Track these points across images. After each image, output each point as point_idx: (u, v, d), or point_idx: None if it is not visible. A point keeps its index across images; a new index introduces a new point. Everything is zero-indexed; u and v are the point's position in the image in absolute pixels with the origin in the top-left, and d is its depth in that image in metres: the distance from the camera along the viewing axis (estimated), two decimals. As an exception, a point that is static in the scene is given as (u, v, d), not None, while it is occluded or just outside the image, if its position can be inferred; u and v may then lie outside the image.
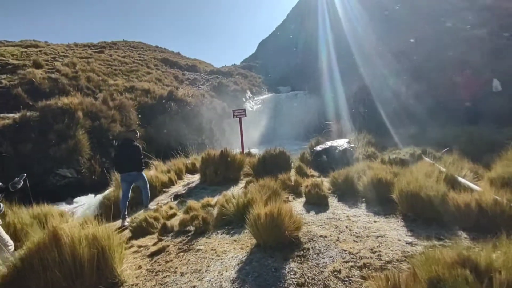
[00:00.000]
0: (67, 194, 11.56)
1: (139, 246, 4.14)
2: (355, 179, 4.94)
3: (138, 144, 6.36)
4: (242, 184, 6.90)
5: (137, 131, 6.63)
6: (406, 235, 3.44)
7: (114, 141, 14.38)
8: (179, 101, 20.48)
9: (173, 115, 19.02)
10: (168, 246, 3.83)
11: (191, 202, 5.41)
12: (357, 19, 25.69)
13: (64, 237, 2.90)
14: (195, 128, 19.99)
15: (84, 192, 11.76)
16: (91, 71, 20.89)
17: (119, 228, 5.51)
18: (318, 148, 7.53)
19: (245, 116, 10.80)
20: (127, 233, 4.98)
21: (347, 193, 4.90)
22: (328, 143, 7.54)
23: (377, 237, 3.46)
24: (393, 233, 3.52)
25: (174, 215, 5.34)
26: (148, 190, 6.41)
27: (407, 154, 6.04)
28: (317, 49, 31.44)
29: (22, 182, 4.52)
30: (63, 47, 28.39)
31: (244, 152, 11.36)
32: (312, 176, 6.55)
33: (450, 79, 10.37)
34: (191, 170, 9.09)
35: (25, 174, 4.63)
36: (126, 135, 6.43)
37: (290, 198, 5.09)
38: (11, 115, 12.91)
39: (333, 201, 4.77)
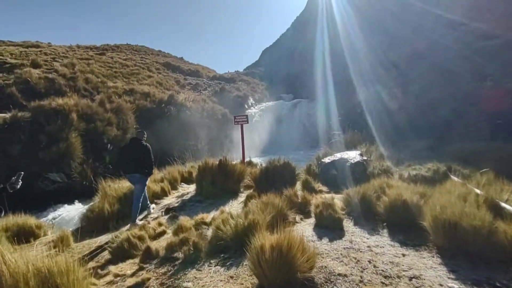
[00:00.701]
0: (55, 200, 10.84)
1: (116, 275, 3.42)
2: (374, 199, 4.22)
3: (147, 144, 5.75)
4: (242, 197, 6.20)
5: (145, 132, 6.05)
6: (449, 278, 2.72)
7: (109, 145, 13.72)
8: (179, 106, 19.88)
9: (172, 120, 18.38)
10: (149, 279, 3.11)
11: (183, 219, 4.70)
12: (363, 28, 25.24)
13: (6, 274, 2.19)
14: (195, 134, 19.33)
15: (74, 199, 11.04)
16: (90, 72, 20.38)
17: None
18: (326, 160, 6.82)
19: (247, 122, 10.14)
20: (106, 254, 4.26)
21: (364, 215, 4.18)
22: (338, 155, 6.83)
23: (411, 278, 2.74)
24: (430, 274, 2.80)
25: (163, 233, 4.63)
26: (140, 202, 5.65)
27: (429, 170, 5.31)
28: (321, 58, 31.00)
29: (21, 182, 4.07)
30: (65, 48, 28.01)
31: (245, 161, 10.67)
32: (321, 191, 5.84)
33: (466, 90, 9.72)
34: (187, 180, 8.38)
35: (22, 173, 4.12)
36: (134, 135, 5.84)
37: (298, 218, 4.37)
38: (1, 114, 12.28)
39: (348, 224, 4.04)
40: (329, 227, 3.87)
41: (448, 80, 10.87)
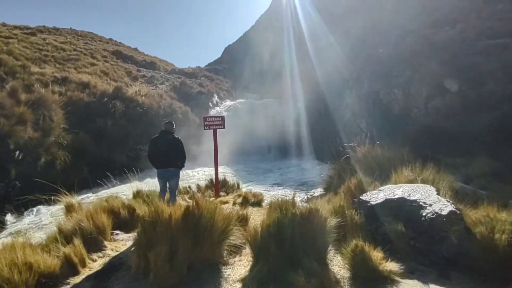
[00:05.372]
0: None
1: None
2: None
3: (178, 137, 5.63)
4: (231, 285, 3.12)
5: (173, 123, 5.94)
6: None
7: (17, 152, 9.61)
8: (129, 101, 15.96)
9: (118, 118, 14.47)
10: None
11: None
12: (330, 25, 23.22)
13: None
14: (148, 136, 15.50)
15: None
16: (7, 53, 15.55)
17: None
18: (371, 199, 3.95)
19: (223, 127, 7.03)
20: None
21: None
22: (397, 191, 3.94)
23: None
24: None
25: None
26: (177, 193, 5.50)
27: None
28: (290, 57, 28.74)
29: None
30: (-21, 24, 22.21)
31: (219, 180, 7.53)
32: (391, 275, 2.95)
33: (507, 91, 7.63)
34: (126, 223, 4.99)
35: None
36: (164, 126, 5.68)
37: None
38: None
39: None
40: None
41: (474, 78, 8.80)
